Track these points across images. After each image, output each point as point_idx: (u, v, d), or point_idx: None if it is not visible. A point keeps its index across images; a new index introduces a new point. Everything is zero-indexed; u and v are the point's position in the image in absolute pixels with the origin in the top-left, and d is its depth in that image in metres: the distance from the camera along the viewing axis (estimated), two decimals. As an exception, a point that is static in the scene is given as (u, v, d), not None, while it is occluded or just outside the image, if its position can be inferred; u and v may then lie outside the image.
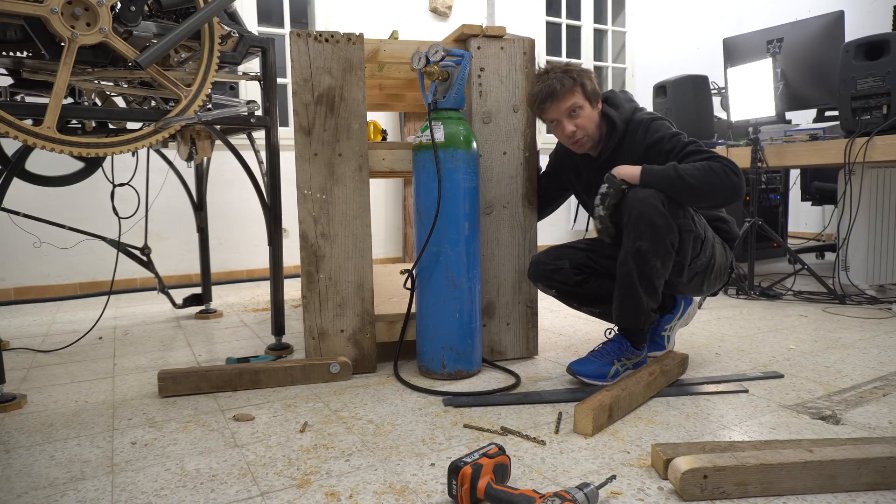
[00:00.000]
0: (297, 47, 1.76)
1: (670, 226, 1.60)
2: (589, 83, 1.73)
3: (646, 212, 1.59)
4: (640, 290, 1.65)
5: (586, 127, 1.74)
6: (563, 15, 5.03)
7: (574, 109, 1.72)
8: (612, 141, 1.78)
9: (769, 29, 3.30)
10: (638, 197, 1.60)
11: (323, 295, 1.83)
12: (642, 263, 1.62)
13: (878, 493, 1.10)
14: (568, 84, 1.70)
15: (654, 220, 1.58)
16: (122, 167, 2.95)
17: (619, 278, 1.68)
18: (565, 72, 1.72)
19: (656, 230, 1.59)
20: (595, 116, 1.76)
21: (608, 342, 1.76)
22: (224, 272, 3.83)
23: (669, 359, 1.73)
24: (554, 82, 1.71)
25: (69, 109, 1.69)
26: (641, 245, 1.61)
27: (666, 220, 1.59)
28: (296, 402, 1.64)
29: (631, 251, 1.62)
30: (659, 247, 1.61)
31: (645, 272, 1.63)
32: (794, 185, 4.29)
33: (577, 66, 1.75)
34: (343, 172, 1.82)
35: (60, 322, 2.75)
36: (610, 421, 1.43)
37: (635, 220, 1.60)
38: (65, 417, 1.56)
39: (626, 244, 1.64)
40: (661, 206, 1.59)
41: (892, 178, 2.89)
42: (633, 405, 1.52)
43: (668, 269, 1.66)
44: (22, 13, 1.53)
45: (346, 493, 1.14)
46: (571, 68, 1.73)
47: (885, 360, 1.90)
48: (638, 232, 1.60)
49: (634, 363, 1.75)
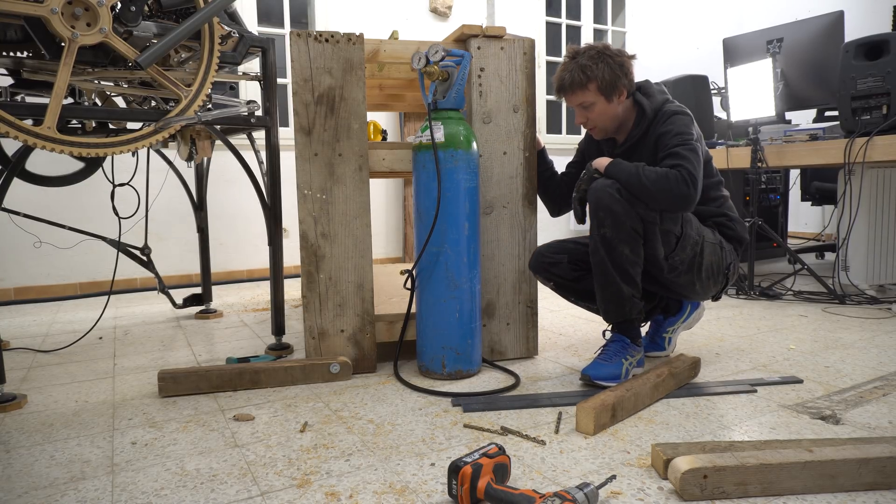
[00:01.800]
0: (297, 47, 1.76)
1: (629, 212, 1.62)
2: (607, 77, 1.69)
3: (603, 199, 1.63)
4: (616, 277, 1.67)
5: (597, 121, 1.76)
6: (563, 15, 5.03)
7: (584, 105, 1.74)
8: (639, 129, 1.78)
9: (769, 29, 3.30)
10: (597, 186, 1.65)
11: (323, 295, 1.83)
12: (610, 250, 1.65)
13: (878, 493, 1.10)
14: (579, 80, 1.70)
15: (611, 207, 1.62)
16: (122, 167, 2.95)
17: (594, 268, 1.71)
18: (583, 67, 1.69)
19: (616, 217, 1.62)
20: (611, 110, 1.75)
21: (610, 343, 1.76)
22: (224, 272, 3.84)
23: (680, 361, 1.72)
24: (566, 76, 1.72)
25: (69, 109, 1.69)
26: (605, 232, 1.64)
27: (623, 207, 1.62)
28: (296, 402, 1.64)
29: (598, 239, 1.67)
30: (621, 233, 1.63)
31: (615, 259, 1.66)
32: (793, 185, 4.29)
33: (603, 58, 1.69)
34: (343, 172, 1.82)
35: (60, 322, 2.75)
36: (613, 421, 1.43)
37: (595, 207, 1.65)
38: (65, 417, 1.56)
39: (592, 234, 1.69)
40: (616, 195, 1.62)
41: (892, 178, 2.89)
42: (640, 406, 1.52)
43: (638, 255, 1.67)
44: (22, 13, 1.53)
45: (346, 492, 1.14)
46: (590, 63, 1.69)
47: (885, 360, 1.90)
48: (599, 220, 1.65)
49: (638, 360, 1.75)
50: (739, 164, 3.12)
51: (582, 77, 1.69)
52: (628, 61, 1.73)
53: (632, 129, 1.80)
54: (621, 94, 1.74)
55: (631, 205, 1.62)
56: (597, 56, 1.69)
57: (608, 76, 1.69)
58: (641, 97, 1.78)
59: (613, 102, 1.74)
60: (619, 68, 1.70)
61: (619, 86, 1.72)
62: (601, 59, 1.69)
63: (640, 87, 1.81)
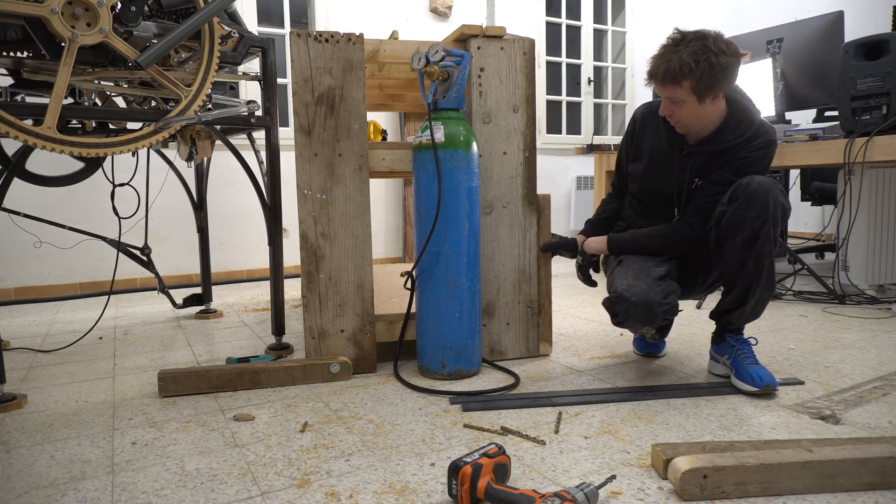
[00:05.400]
0: (297, 47, 1.76)
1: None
2: (706, 79, 1.51)
3: (777, 195, 1.54)
4: (774, 279, 1.63)
5: (682, 117, 1.61)
6: (563, 15, 5.03)
7: (674, 100, 1.58)
8: (720, 139, 1.64)
9: (769, 29, 3.30)
10: (766, 183, 1.54)
11: (323, 295, 1.83)
12: (772, 251, 1.57)
13: (877, 493, 1.10)
14: (673, 75, 1.52)
15: (784, 203, 1.56)
16: (122, 167, 2.95)
17: (765, 272, 1.58)
18: (682, 61, 1.50)
19: (786, 213, 1.57)
20: (701, 111, 1.58)
21: (744, 343, 1.69)
22: (224, 272, 3.84)
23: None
24: (662, 66, 1.54)
25: (69, 109, 1.69)
26: (775, 232, 1.56)
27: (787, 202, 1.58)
28: (296, 402, 1.64)
29: (769, 240, 1.56)
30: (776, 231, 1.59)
31: (773, 260, 1.60)
32: (793, 185, 4.29)
33: (707, 54, 1.50)
34: (343, 172, 1.82)
35: (60, 322, 2.75)
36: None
37: (772, 204, 1.53)
38: (65, 417, 1.56)
39: (762, 234, 1.54)
40: (781, 189, 1.56)
41: (892, 178, 2.89)
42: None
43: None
44: (22, 13, 1.53)
45: (346, 492, 1.14)
46: (691, 59, 1.49)
47: (885, 359, 1.90)
48: (775, 218, 1.54)
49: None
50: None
51: (678, 72, 1.51)
52: (735, 62, 1.53)
53: (712, 134, 1.65)
54: (716, 97, 1.56)
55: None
56: (701, 51, 1.49)
57: (707, 77, 1.51)
58: (745, 109, 1.64)
59: (706, 103, 1.56)
60: (721, 71, 1.50)
61: (715, 88, 1.53)
62: (704, 56, 1.49)
63: (738, 95, 1.67)
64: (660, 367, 1.88)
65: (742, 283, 1.61)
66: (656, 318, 1.57)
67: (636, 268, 1.65)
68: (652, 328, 1.61)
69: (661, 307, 1.55)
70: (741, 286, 1.62)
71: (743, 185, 1.56)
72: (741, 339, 1.70)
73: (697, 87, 1.53)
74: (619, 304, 1.58)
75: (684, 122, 1.63)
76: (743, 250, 1.57)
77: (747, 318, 1.68)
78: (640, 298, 1.55)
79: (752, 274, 1.59)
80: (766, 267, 1.58)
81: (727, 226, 1.58)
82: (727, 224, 1.58)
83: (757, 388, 1.58)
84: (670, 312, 1.58)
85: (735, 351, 1.67)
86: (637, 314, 1.56)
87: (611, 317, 1.63)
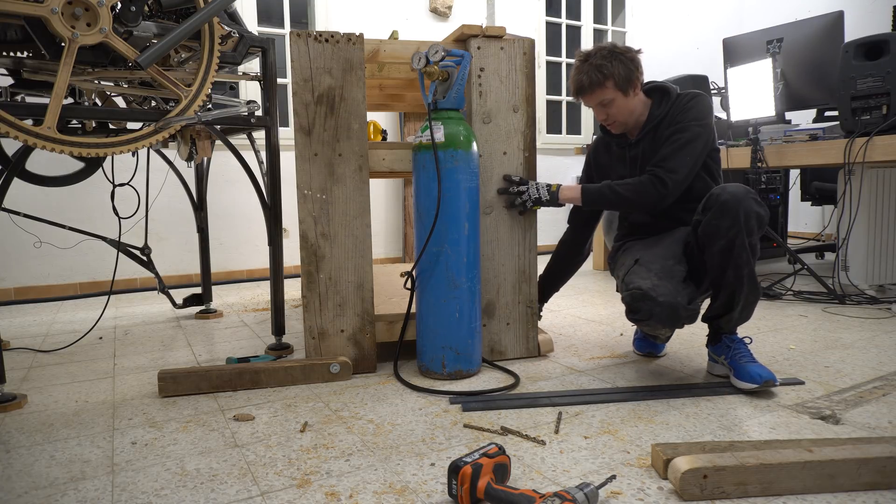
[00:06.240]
0: (297, 47, 1.76)
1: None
2: (622, 73, 1.74)
3: (752, 206, 1.55)
4: (759, 286, 1.63)
5: (617, 115, 1.80)
6: (563, 15, 5.03)
7: (603, 103, 1.78)
8: (649, 125, 1.81)
9: (769, 29, 3.30)
10: (738, 194, 1.55)
11: (323, 295, 1.83)
12: (753, 257, 1.59)
13: (877, 493, 1.10)
14: (596, 79, 1.74)
15: (759, 213, 1.56)
16: (122, 167, 2.95)
17: (746, 280, 1.58)
18: (597, 66, 1.74)
19: (762, 222, 1.58)
20: (629, 104, 1.79)
21: (739, 343, 1.69)
22: (224, 272, 3.84)
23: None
24: (583, 77, 1.76)
25: (69, 109, 1.69)
26: (753, 241, 1.58)
27: (764, 211, 1.60)
28: (296, 402, 1.64)
29: (747, 249, 1.56)
30: (757, 237, 1.60)
31: (754, 267, 1.62)
32: (793, 185, 4.29)
33: (614, 55, 1.75)
34: (343, 172, 1.82)
35: (60, 322, 2.76)
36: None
37: (744, 215, 1.54)
38: (65, 417, 1.56)
39: (737, 242, 1.55)
40: (758, 199, 1.58)
41: (892, 178, 2.89)
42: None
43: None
44: (22, 13, 1.53)
45: (346, 492, 1.15)
46: (604, 62, 1.74)
47: (885, 359, 1.90)
48: (749, 228, 1.55)
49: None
50: (739, 165, 3.12)
51: (599, 76, 1.74)
52: (637, 56, 1.79)
53: (646, 120, 1.83)
54: (636, 88, 1.79)
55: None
56: (609, 55, 1.75)
57: (623, 72, 1.74)
58: (655, 90, 1.83)
59: (630, 96, 1.78)
60: (630, 63, 1.76)
61: (633, 80, 1.77)
62: (614, 57, 1.74)
63: (653, 84, 1.86)
64: (660, 367, 1.88)
65: (726, 290, 1.63)
66: (679, 322, 1.57)
67: (657, 267, 1.64)
68: (671, 331, 1.64)
69: (686, 311, 1.57)
70: (725, 293, 1.64)
71: (715, 196, 1.58)
72: (736, 338, 1.70)
73: (620, 83, 1.75)
74: (643, 302, 1.56)
75: (619, 119, 1.80)
76: (721, 259, 1.58)
77: (737, 322, 1.69)
78: (666, 300, 1.54)
79: (733, 282, 1.60)
80: (746, 275, 1.59)
81: (703, 235, 1.61)
82: (703, 234, 1.61)
83: (757, 384, 1.58)
84: (692, 318, 1.59)
85: (731, 351, 1.68)
86: (662, 315, 1.54)
87: (629, 313, 1.61)
